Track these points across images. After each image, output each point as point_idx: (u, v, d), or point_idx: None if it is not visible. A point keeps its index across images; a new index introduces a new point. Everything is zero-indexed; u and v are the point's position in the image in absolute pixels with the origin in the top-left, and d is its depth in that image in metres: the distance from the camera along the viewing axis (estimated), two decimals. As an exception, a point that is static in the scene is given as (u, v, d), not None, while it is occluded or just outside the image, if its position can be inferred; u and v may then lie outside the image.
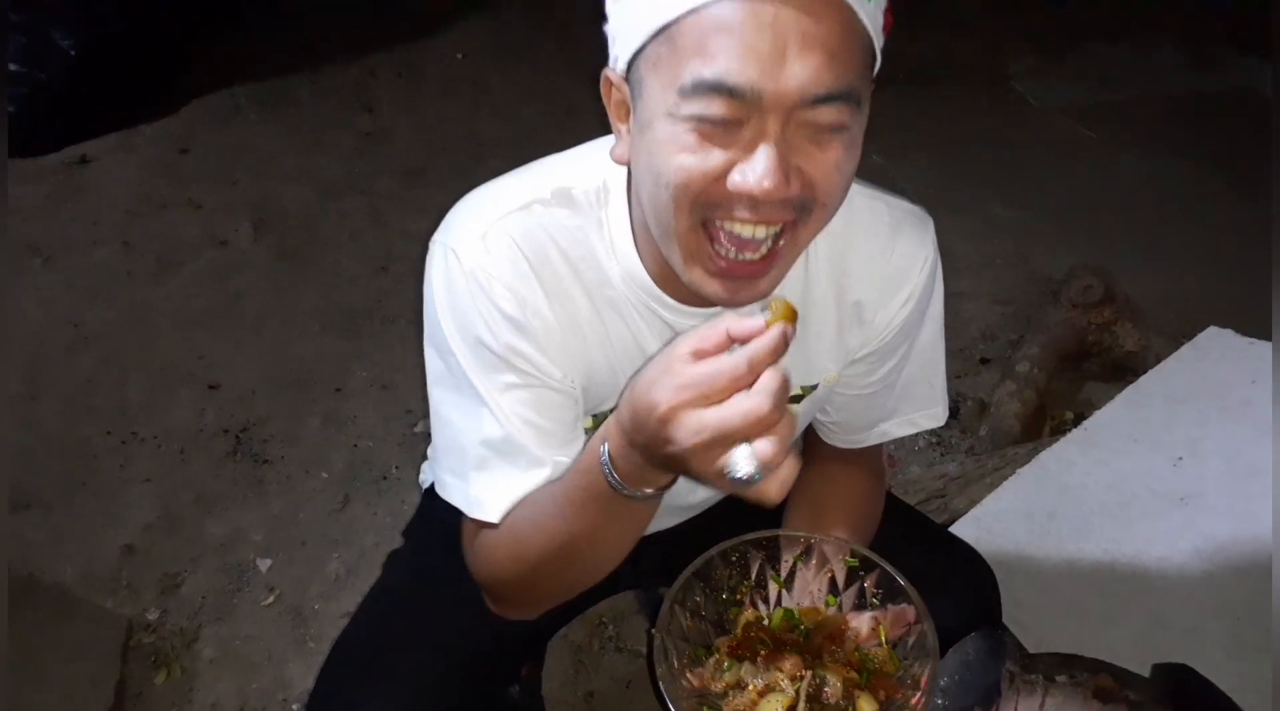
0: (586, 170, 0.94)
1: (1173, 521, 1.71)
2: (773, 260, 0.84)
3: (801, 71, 0.75)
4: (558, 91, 3.57)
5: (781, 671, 0.94)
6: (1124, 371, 2.12)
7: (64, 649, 1.81)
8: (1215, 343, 1.96)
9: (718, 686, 0.95)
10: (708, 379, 0.72)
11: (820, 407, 1.12)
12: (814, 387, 1.06)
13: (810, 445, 1.22)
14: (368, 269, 2.78)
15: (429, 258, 0.96)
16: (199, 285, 2.77)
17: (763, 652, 0.96)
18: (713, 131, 0.78)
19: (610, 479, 0.84)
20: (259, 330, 2.61)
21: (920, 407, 1.15)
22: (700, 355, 0.74)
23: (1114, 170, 3.10)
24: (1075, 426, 1.93)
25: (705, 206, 0.81)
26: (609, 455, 0.83)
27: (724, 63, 0.75)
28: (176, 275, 2.80)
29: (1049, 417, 2.11)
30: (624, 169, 0.93)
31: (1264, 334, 2.01)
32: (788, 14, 0.74)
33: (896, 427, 1.16)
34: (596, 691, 1.77)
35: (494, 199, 0.95)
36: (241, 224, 2.98)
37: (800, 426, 1.13)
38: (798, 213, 0.82)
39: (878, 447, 1.21)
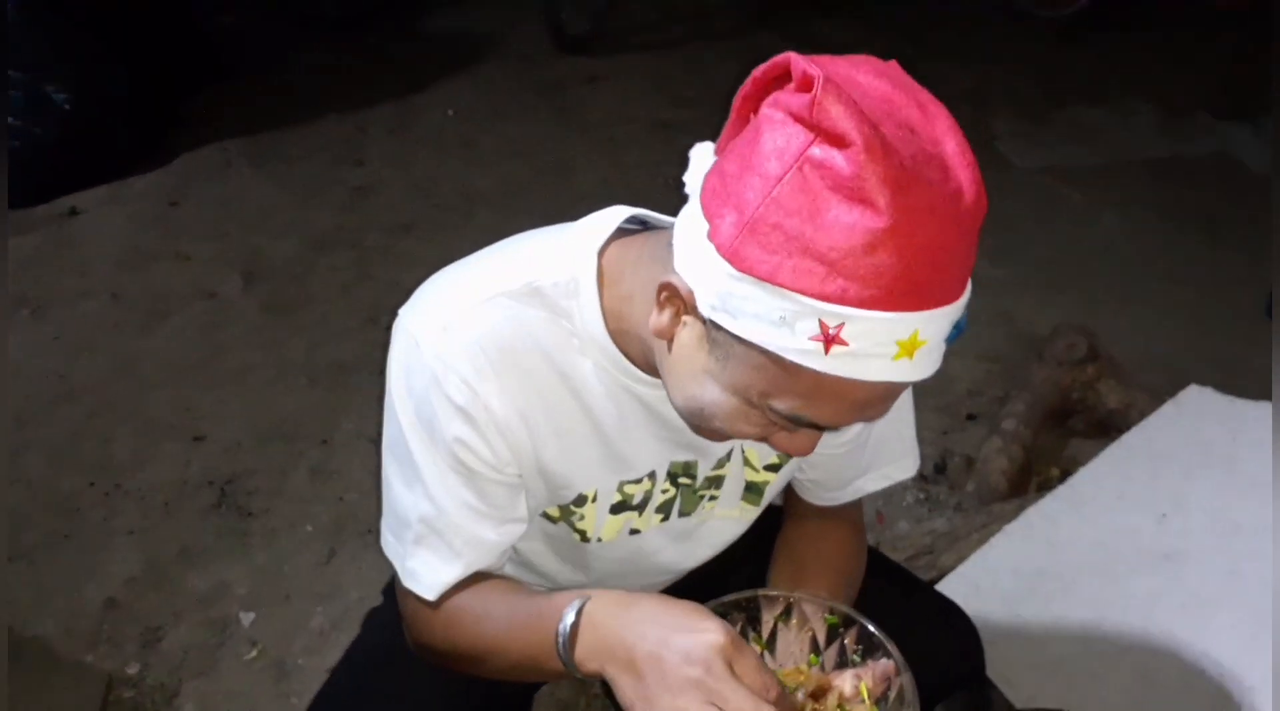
0: (556, 263, 0.94)
1: (1159, 578, 1.72)
2: None
3: (878, 414, 0.83)
4: (546, 149, 3.62)
5: None
6: (1108, 428, 2.14)
7: (43, 704, 1.78)
8: (1196, 400, 1.98)
9: None
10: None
11: (797, 468, 1.13)
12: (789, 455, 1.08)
13: (790, 503, 1.23)
14: (356, 321, 2.79)
15: (394, 332, 0.97)
16: (187, 337, 2.77)
17: None
18: (776, 425, 0.84)
19: (562, 655, 0.87)
20: (246, 382, 2.61)
21: (892, 461, 1.17)
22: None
23: (1096, 229, 3.16)
24: (1061, 483, 1.94)
25: (739, 437, 0.88)
26: (568, 640, 0.86)
27: (823, 414, 0.80)
28: (164, 327, 2.80)
29: (1035, 474, 2.13)
30: (594, 263, 0.93)
31: (1243, 391, 2.04)
32: (893, 392, 0.80)
33: (871, 483, 1.17)
34: (584, 749, 1.75)
35: (462, 287, 0.96)
36: (230, 276, 2.99)
37: (778, 490, 1.14)
38: None
39: (857, 503, 1.22)
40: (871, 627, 0.98)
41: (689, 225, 0.80)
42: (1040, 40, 4.45)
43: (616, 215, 0.97)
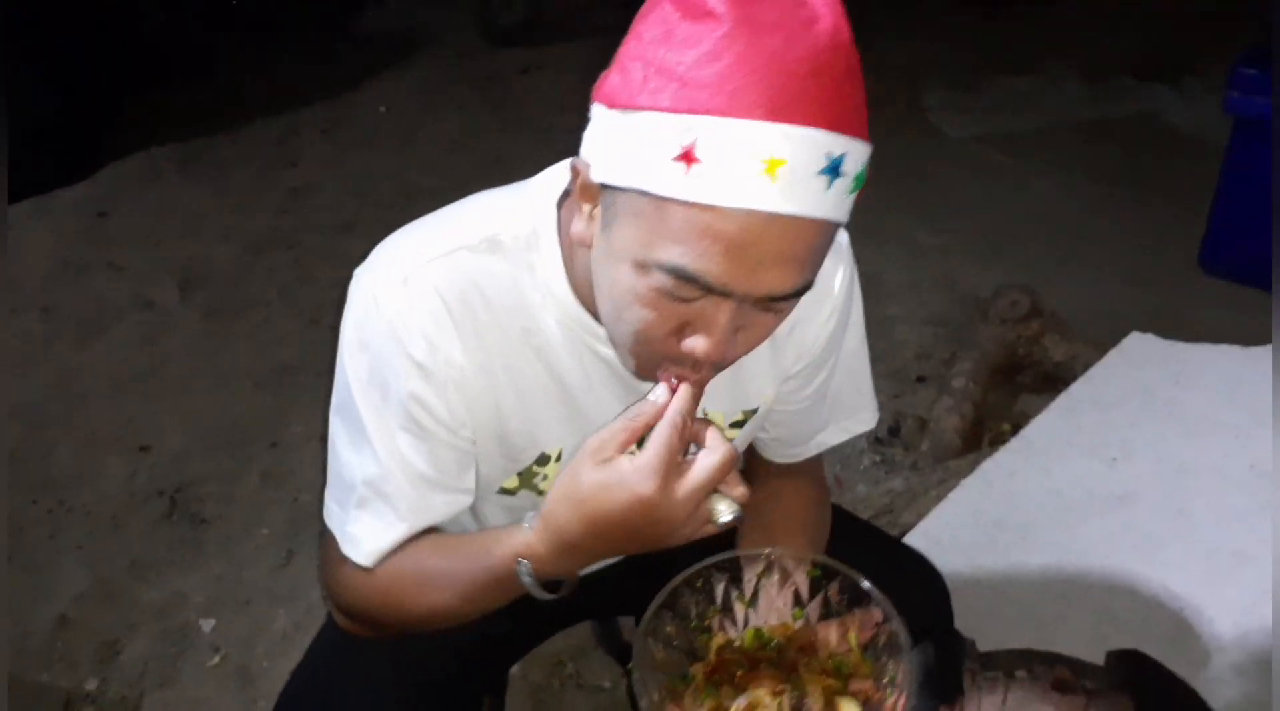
0: (515, 215, 0.93)
1: (1113, 521, 1.76)
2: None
3: (775, 281, 0.77)
4: (483, 142, 3.59)
5: (761, 689, 0.93)
6: (1055, 381, 2.17)
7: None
8: (1139, 347, 2.03)
9: None
10: (669, 451, 0.80)
11: (759, 426, 1.13)
12: (754, 411, 1.07)
13: (752, 465, 1.23)
14: (299, 324, 2.75)
15: (350, 290, 0.94)
16: (125, 349, 2.70)
17: (739, 674, 0.96)
18: (674, 299, 0.79)
19: (527, 581, 0.89)
20: (189, 390, 2.56)
21: (851, 414, 1.17)
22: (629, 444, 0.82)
23: (1030, 193, 3.22)
24: (1013, 436, 1.97)
25: (657, 353, 0.84)
26: (531, 567, 0.88)
27: (706, 264, 0.75)
28: (101, 340, 2.73)
29: (987, 430, 2.16)
30: (553, 215, 0.93)
31: (1181, 337, 2.09)
32: (773, 234, 0.75)
33: (831, 435, 1.17)
34: (558, 730, 1.74)
35: (421, 242, 0.94)
36: (167, 285, 2.93)
37: (741, 448, 1.13)
38: (720, 367, 0.86)
39: (818, 459, 1.22)
40: (855, 577, 0.98)
41: (591, 117, 0.82)
42: (966, 14, 4.52)
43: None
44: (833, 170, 0.74)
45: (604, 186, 0.79)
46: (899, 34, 4.26)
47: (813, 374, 1.08)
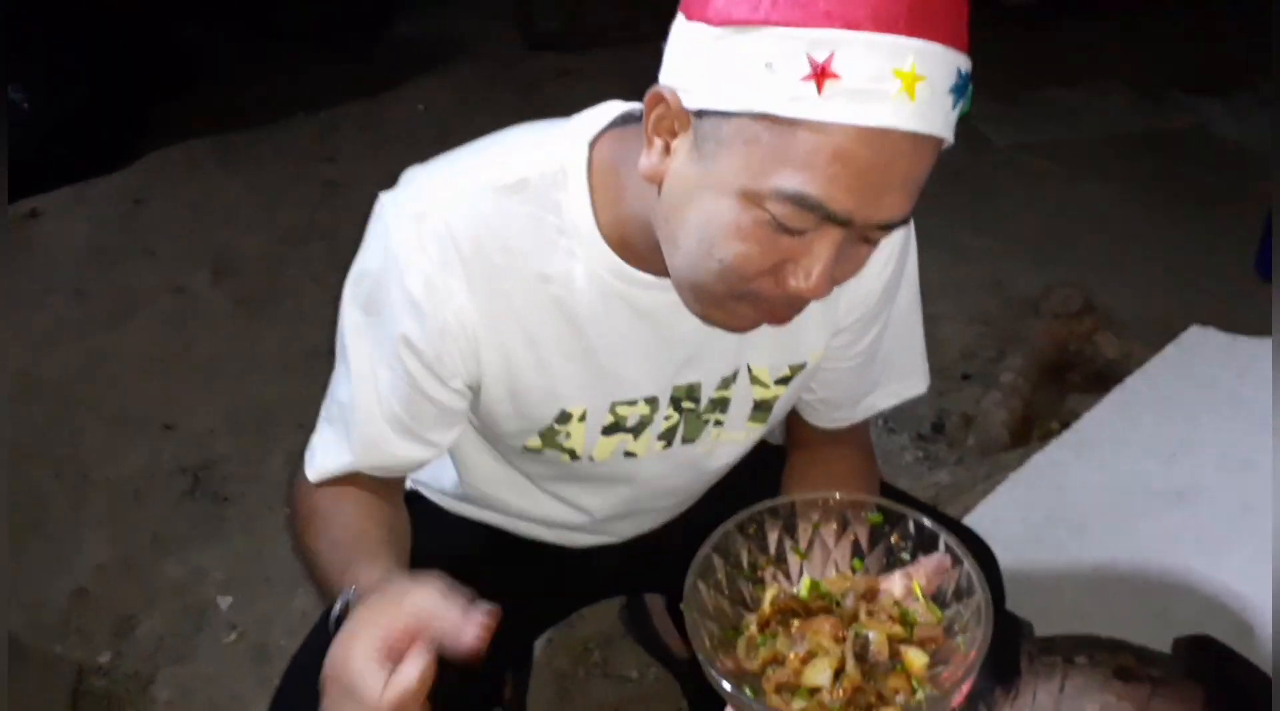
0: (544, 155, 0.89)
1: (1171, 518, 1.68)
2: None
3: (893, 205, 0.73)
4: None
5: (821, 635, 0.86)
6: (1107, 381, 2.09)
7: (8, 697, 1.68)
8: (1198, 341, 1.96)
9: (754, 666, 0.87)
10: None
11: (806, 386, 1.06)
12: (802, 366, 1.01)
13: (795, 432, 1.17)
14: (330, 311, 2.66)
15: (373, 213, 0.92)
16: (155, 332, 2.68)
17: (796, 624, 0.89)
18: (783, 230, 0.74)
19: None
20: (218, 373, 2.53)
21: (902, 377, 1.11)
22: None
23: (1078, 199, 3.15)
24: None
25: (749, 292, 0.79)
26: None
27: (831, 190, 0.71)
28: (131, 322, 2.71)
29: (1035, 428, 2.08)
30: (585, 152, 0.88)
31: (1240, 331, 2.02)
32: (903, 155, 0.71)
33: (881, 399, 1.11)
34: (584, 719, 1.67)
35: (446, 177, 0.90)
36: (199, 271, 2.91)
37: (786, 408, 1.07)
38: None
39: (865, 425, 1.16)
40: (920, 518, 0.91)
41: (673, 40, 0.76)
42: (1009, 27, 4.46)
43: (613, 108, 0.91)
44: (961, 88, 0.71)
45: (700, 113, 0.74)
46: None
47: (865, 328, 1.01)
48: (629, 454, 1.01)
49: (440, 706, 1.02)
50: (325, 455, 0.98)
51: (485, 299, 0.88)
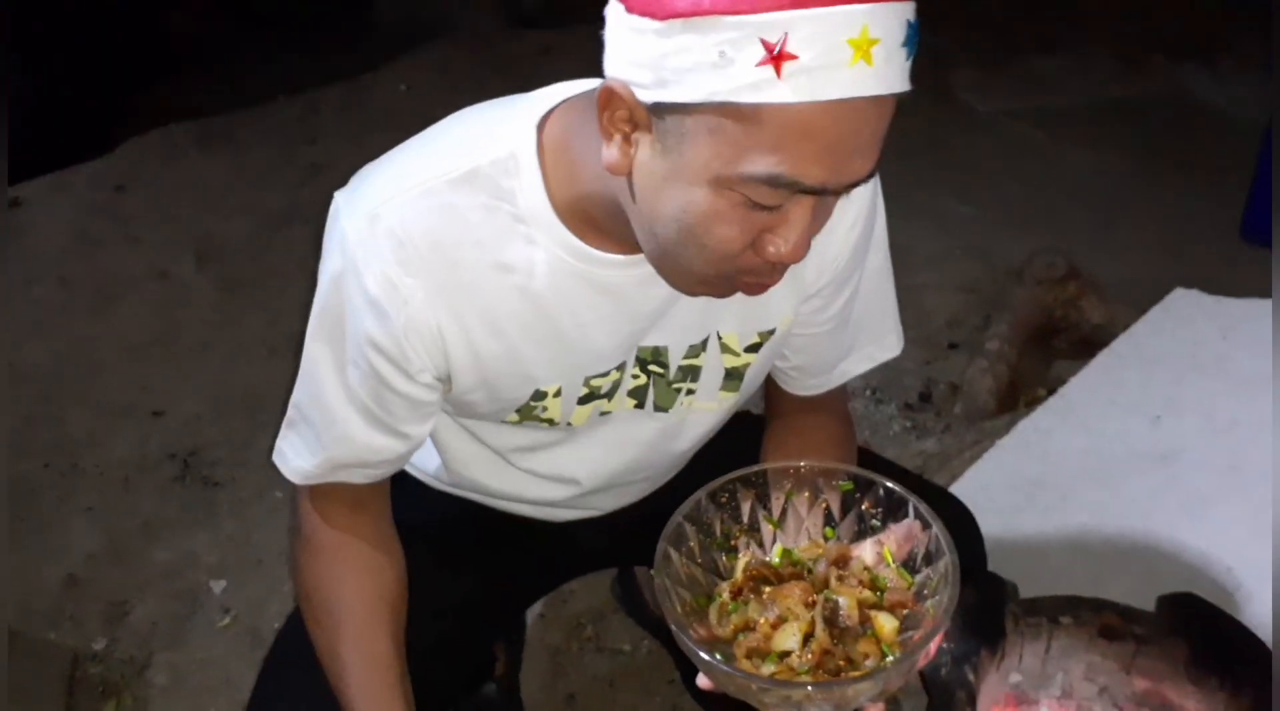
0: (493, 142, 0.87)
1: (1157, 479, 1.69)
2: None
3: (859, 167, 0.74)
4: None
5: (791, 600, 0.87)
6: (1092, 347, 2.09)
7: (4, 685, 1.68)
8: (1183, 303, 1.96)
9: (725, 632, 0.88)
10: None
11: (778, 353, 1.07)
12: (771, 332, 1.01)
13: (773, 402, 1.17)
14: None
15: (328, 215, 0.91)
16: (140, 318, 2.67)
17: (767, 591, 0.90)
18: (759, 207, 0.75)
19: None
20: (205, 358, 2.52)
21: (875, 339, 1.11)
22: None
23: (1063, 166, 3.14)
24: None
25: (731, 268, 0.80)
26: None
27: (803, 167, 0.71)
28: (116, 309, 2.70)
29: (1021, 395, 2.09)
30: (533, 135, 0.86)
31: (1226, 296, 2.02)
32: (867, 119, 0.71)
33: (856, 364, 1.12)
34: (578, 693, 1.68)
35: (397, 175, 0.89)
36: (183, 257, 2.89)
37: (759, 376, 1.07)
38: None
39: (842, 391, 1.16)
40: (890, 484, 0.92)
41: (610, 25, 0.75)
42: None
43: (562, 89, 0.90)
44: (913, 38, 0.70)
45: (657, 107, 0.73)
46: (925, 15, 4.19)
47: (836, 292, 1.02)
48: (604, 413, 1.02)
49: (433, 681, 1.04)
50: (298, 456, 0.98)
51: (446, 294, 0.87)
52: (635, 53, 0.72)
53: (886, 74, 0.69)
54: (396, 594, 1.02)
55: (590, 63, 0.79)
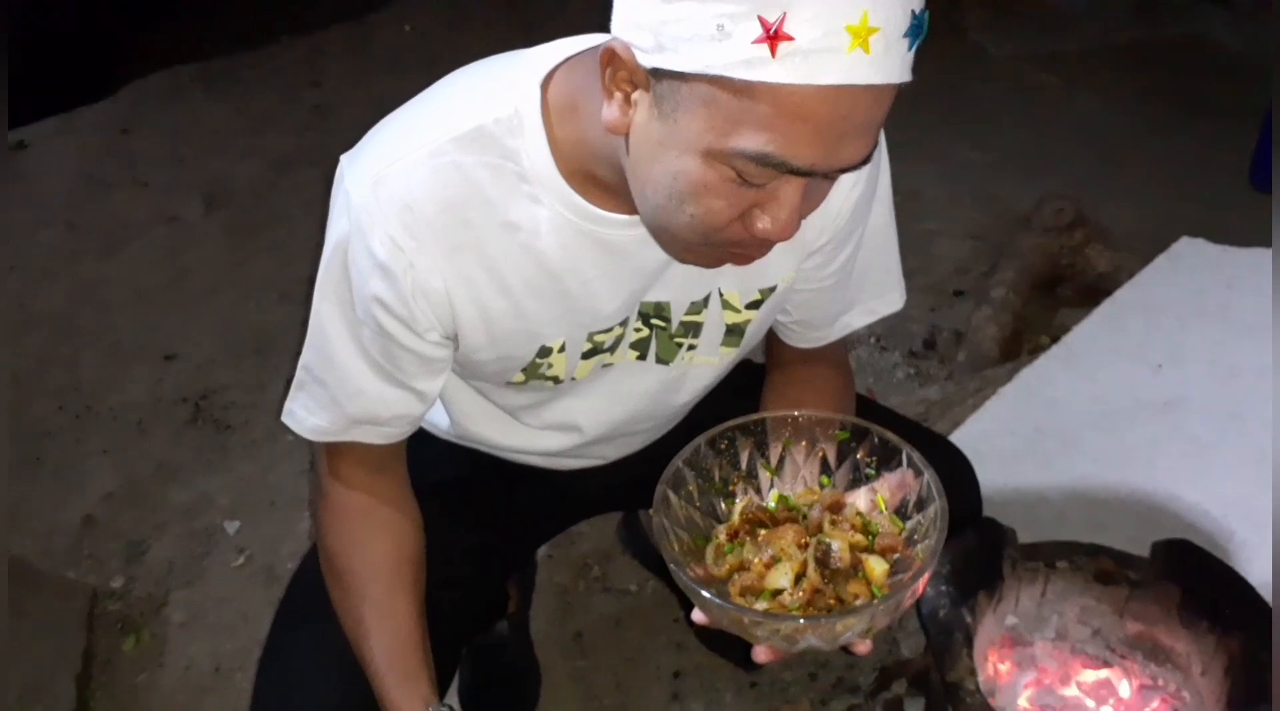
0: (497, 101, 0.87)
1: (1159, 427, 1.70)
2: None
3: (855, 152, 0.74)
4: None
5: (785, 541, 0.90)
6: (1098, 295, 2.09)
7: (26, 621, 1.73)
8: (1189, 251, 1.95)
9: (721, 572, 0.90)
10: None
11: (780, 308, 1.08)
12: (773, 289, 1.02)
13: (774, 352, 1.18)
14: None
15: (335, 177, 0.91)
16: (149, 262, 2.69)
17: (762, 533, 0.92)
18: (749, 184, 0.75)
19: None
20: (214, 302, 2.54)
21: (877, 294, 1.12)
22: None
23: (1075, 110, 3.12)
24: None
25: (720, 239, 0.80)
26: None
27: (793, 148, 0.71)
28: (125, 253, 2.72)
29: (1025, 343, 2.10)
30: (537, 93, 0.86)
31: (1232, 243, 2.02)
32: (862, 106, 0.70)
33: (857, 317, 1.12)
34: (585, 630, 1.72)
35: (402, 136, 0.89)
36: (191, 200, 2.90)
37: (760, 332, 1.08)
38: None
39: (842, 344, 1.17)
40: (885, 434, 0.94)
41: None
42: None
43: (567, 45, 0.89)
44: (916, 29, 0.69)
45: (656, 72, 0.72)
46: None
47: (837, 250, 1.02)
48: (606, 365, 1.03)
49: (449, 620, 1.07)
50: (311, 415, 0.99)
51: (452, 255, 0.88)
52: (638, 14, 0.72)
53: (884, 64, 0.68)
54: (417, 555, 1.04)
55: (597, 0, 0.79)
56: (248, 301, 2.53)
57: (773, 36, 0.66)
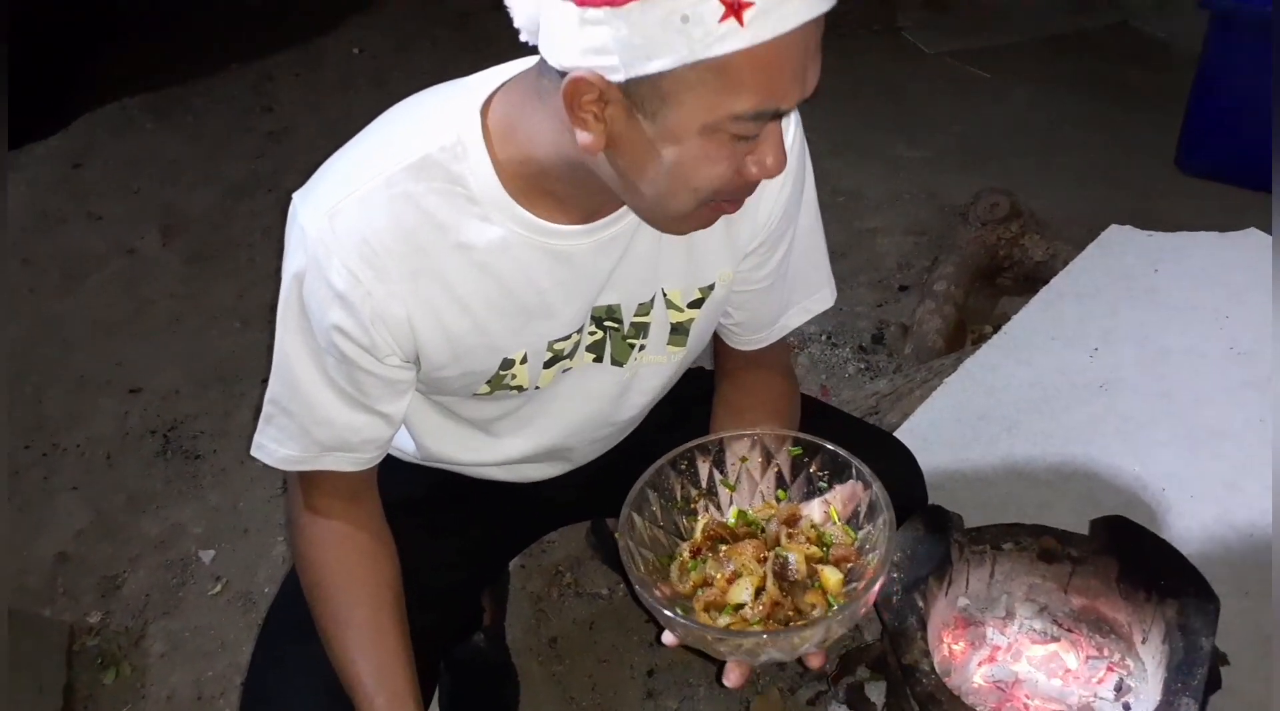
0: (440, 129, 0.91)
1: (1095, 407, 1.78)
2: None
3: (814, 78, 0.81)
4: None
5: (744, 557, 0.95)
6: (1035, 282, 2.18)
7: (4, 660, 1.75)
8: (1118, 238, 2.04)
9: (685, 589, 0.96)
10: None
11: (721, 311, 1.14)
12: (711, 287, 1.08)
13: (721, 361, 1.25)
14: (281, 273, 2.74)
15: (288, 214, 0.95)
16: (109, 294, 2.70)
17: (723, 549, 0.98)
18: (742, 140, 0.82)
19: None
20: (176, 332, 2.56)
21: (810, 293, 1.19)
22: None
23: (1007, 104, 3.22)
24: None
25: (720, 198, 0.87)
26: None
27: (778, 94, 0.78)
28: (83, 287, 2.73)
29: (969, 333, 2.18)
30: (477, 118, 0.91)
31: (1162, 225, 2.11)
32: (813, 34, 0.78)
33: (794, 317, 1.19)
34: (560, 636, 1.77)
35: (352, 170, 0.93)
36: (148, 231, 2.91)
37: (704, 333, 1.14)
38: None
39: (784, 346, 1.24)
40: (834, 448, 0.99)
41: (552, 22, 0.78)
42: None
43: (501, 71, 0.94)
44: None
45: (631, 83, 0.78)
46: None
47: (771, 250, 1.09)
48: (566, 370, 1.08)
49: (426, 636, 1.11)
50: (281, 445, 1.03)
51: (410, 281, 0.92)
52: (594, 41, 0.76)
53: None
54: (396, 578, 1.08)
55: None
56: (210, 330, 2.55)
57: (736, 9, 0.73)
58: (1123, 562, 1.25)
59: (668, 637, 0.93)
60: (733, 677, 0.92)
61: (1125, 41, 3.55)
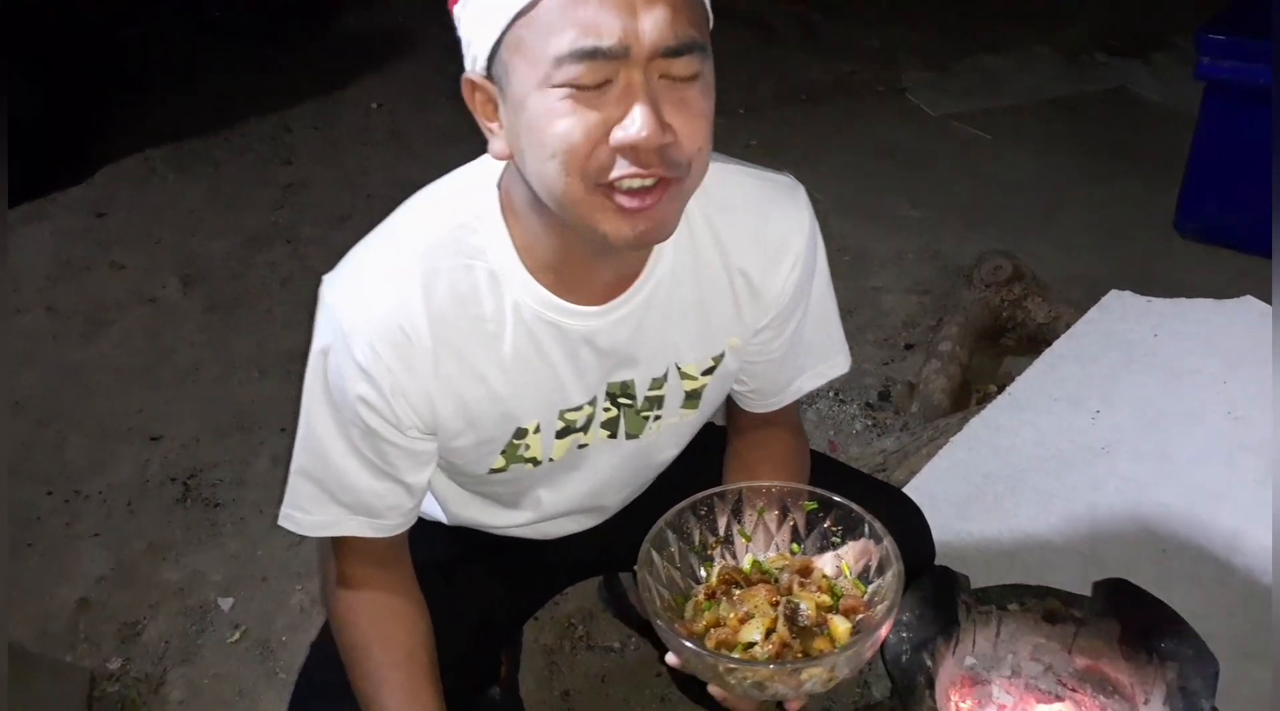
0: (460, 207, 0.97)
1: (1097, 468, 1.83)
2: (666, 189, 0.86)
3: (652, 26, 0.80)
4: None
5: (757, 600, 1.00)
6: (1038, 343, 2.24)
7: (25, 706, 1.77)
8: (1118, 304, 2.10)
9: (698, 627, 1.00)
10: None
11: (734, 378, 1.18)
12: (721, 356, 1.12)
13: (732, 420, 1.29)
14: (301, 313, 2.78)
15: (319, 295, 1.00)
16: (130, 343, 2.75)
17: (737, 593, 1.02)
18: (585, 96, 0.81)
19: None
20: (197, 381, 2.61)
21: (824, 359, 1.22)
22: None
23: (1008, 165, 3.30)
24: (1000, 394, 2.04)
25: (594, 171, 0.84)
26: None
27: (593, 31, 0.79)
28: (106, 335, 2.78)
29: (974, 392, 2.23)
30: (495, 194, 0.96)
31: (1158, 295, 2.17)
32: None
33: (807, 381, 1.23)
34: (572, 690, 1.80)
35: (378, 253, 0.99)
36: (168, 280, 2.98)
37: (716, 396, 1.18)
38: (673, 169, 0.86)
39: (794, 407, 1.28)
40: (849, 504, 1.04)
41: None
42: (941, -4, 4.60)
43: None
44: None
45: (489, 68, 0.85)
46: (875, 18, 4.35)
47: (783, 325, 1.13)
48: (581, 445, 1.12)
49: (450, 697, 1.15)
50: (307, 513, 1.08)
51: (431, 357, 0.98)
52: (464, 49, 0.87)
53: None
54: (429, 640, 1.12)
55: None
56: (229, 379, 2.60)
57: None
58: (1124, 625, 1.28)
59: (671, 659, 0.96)
60: None
61: (1123, 106, 3.64)
